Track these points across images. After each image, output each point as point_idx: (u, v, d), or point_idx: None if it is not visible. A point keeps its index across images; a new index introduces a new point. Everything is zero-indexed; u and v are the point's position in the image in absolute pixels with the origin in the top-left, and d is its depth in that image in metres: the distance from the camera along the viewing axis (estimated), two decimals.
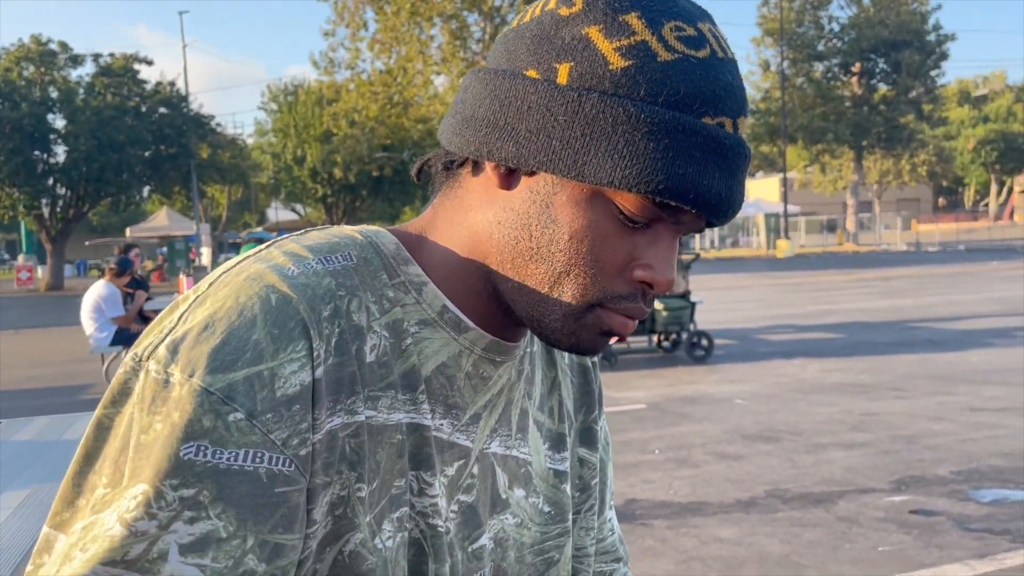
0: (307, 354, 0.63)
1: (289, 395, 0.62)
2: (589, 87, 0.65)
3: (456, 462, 0.74)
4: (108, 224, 51.51)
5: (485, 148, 0.69)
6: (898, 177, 48.56)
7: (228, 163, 39.66)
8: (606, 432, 0.96)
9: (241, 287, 0.65)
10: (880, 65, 42.69)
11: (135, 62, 34.33)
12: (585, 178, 0.65)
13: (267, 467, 0.61)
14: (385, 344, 0.70)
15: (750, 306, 15.95)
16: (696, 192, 0.65)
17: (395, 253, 0.73)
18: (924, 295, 16.58)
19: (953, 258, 29.19)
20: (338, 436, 0.65)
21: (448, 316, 0.73)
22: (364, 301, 0.69)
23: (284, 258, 0.68)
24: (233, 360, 0.61)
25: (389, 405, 0.69)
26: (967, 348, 9.87)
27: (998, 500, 4.71)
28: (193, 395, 0.60)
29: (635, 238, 0.68)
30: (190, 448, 0.59)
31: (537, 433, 0.84)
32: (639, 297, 0.70)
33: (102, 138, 31.08)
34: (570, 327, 0.71)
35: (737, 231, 47.77)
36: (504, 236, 0.70)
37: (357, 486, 0.66)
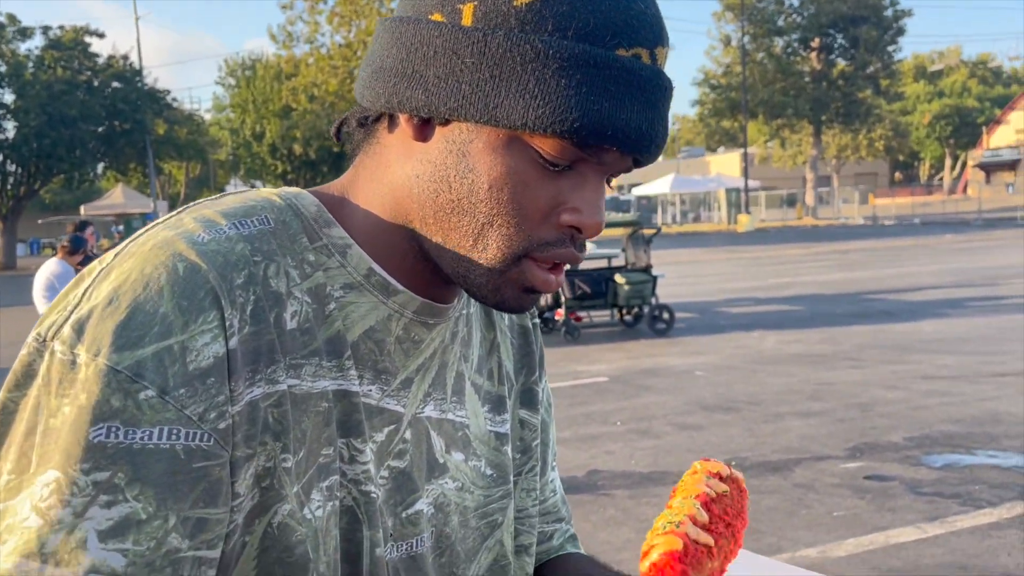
0: (219, 324, 0.61)
1: (202, 368, 0.60)
2: (494, 26, 0.63)
3: (386, 428, 0.72)
4: (62, 202, 50.33)
5: (396, 99, 0.67)
6: (856, 152, 49.24)
7: (185, 139, 38.93)
8: (548, 393, 0.95)
9: (147, 257, 0.62)
10: (839, 40, 43.08)
11: (86, 35, 33.45)
12: (498, 122, 0.63)
13: (184, 443, 0.58)
14: (307, 310, 0.67)
15: (711, 280, 16.12)
16: (614, 128, 0.63)
17: (316, 215, 0.71)
18: (880, 267, 16.89)
19: (909, 231, 29.75)
20: (259, 407, 0.63)
21: (375, 279, 0.71)
22: (283, 266, 0.67)
23: (195, 224, 0.65)
24: (140, 336, 0.58)
25: (313, 373, 0.67)
26: (921, 318, 10.09)
27: (949, 465, 4.83)
28: (100, 375, 0.57)
29: (559, 182, 0.66)
30: (100, 430, 0.56)
31: (475, 396, 0.82)
32: (568, 242, 0.68)
33: (53, 113, 30.30)
34: (495, 282, 0.69)
35: (699, 206, 48.12)
36: (423, 190, 0.68)
37: (283, 456, 0.64)
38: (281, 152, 41.26)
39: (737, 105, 41.65)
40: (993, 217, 35.16)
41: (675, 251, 24.06)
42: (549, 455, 0.96)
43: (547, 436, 0.95)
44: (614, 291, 9.84)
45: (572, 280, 9.74)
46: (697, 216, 47.56)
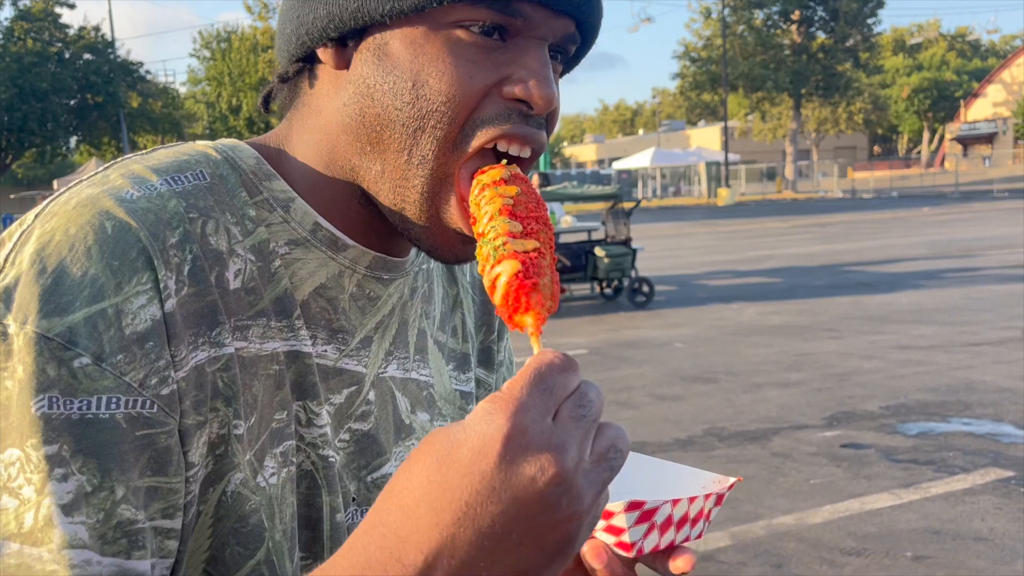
0: (153, 286, 0.57)
1: (140, 332, 0.55)
2: None
3: (345, 389, 0.69)
4: (34, 176, 49.57)
5: (303, 30, 0.64)
6: (835, 125, 49.42)
7: (160, 113, 38.37)
8: (510, 353, 0.91)
9: (71, 216, 0.57)
10: (819, 13, 43.07)
11: (56, 5, 32.79)
12: (402, 4, 0.60)
13: (124, 411, 0.55)
14: (252, 268, 0.63)
15: (691, 253, 16.17)
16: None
17: (255, 168, 0.66)
18: (859, 240, 17.00)
19: (887, 204, 29.97)
20: (206, 371, 0.59)
21: (322, 234, 0.67)
22: (222, 223, 0.62)
23: (123, 180, 0.61)
24: (70, 300, 0.54)
25: (262, 334, 0.63)
26: (898, 290, 10.18)
27: (923, 432, 4.89)
28: (31, 344, 0.53)
29: (493, 59, 0.62)
30: (42, 402, 0.53)
31: (439, 354, 0.79)
32: (517, 117, 0.62)
33: (23, 86, 29.79)
34: (430, 214, 0.64)
35: (679, 180, 48.18)
36: (351, 115, 0.64)
37: (234, 423, 0.61)
38: (258, 126, 40.79)
39: (717, 78, 41.61)
40: (970, 190, 35.48)
41: (655, 224, 24.09)
42: None
43: None
44: (594, 264, 9.84)
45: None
46: (677, 190, 47.64)
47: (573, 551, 0.48)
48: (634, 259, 9.92)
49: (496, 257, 0.57)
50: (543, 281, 0.57)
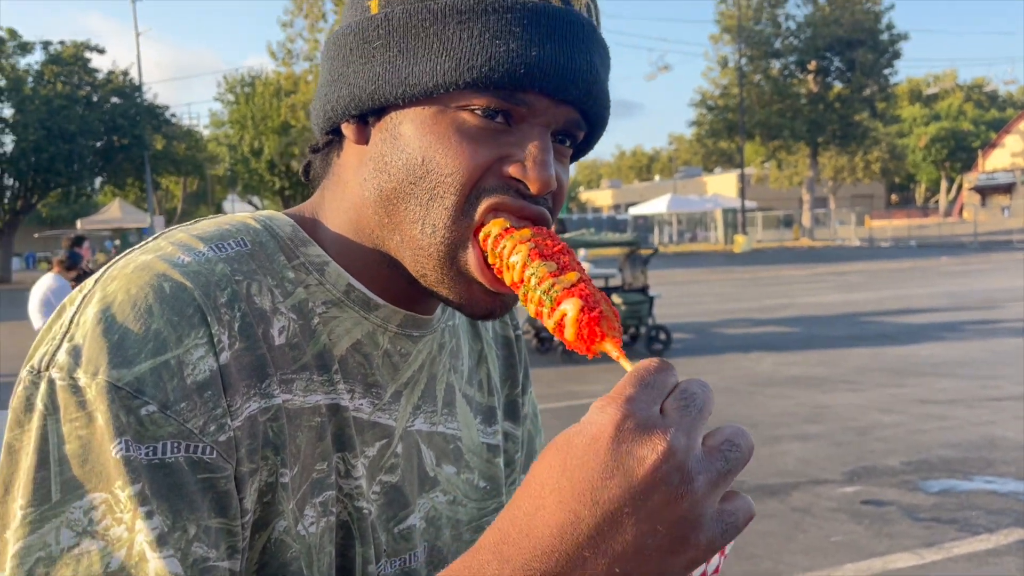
0: (209, 340, 0.61)
1: (199, 382, 0.60)
2: (395, 5, 0.66)
3: (377, 442, 0.72)
4: (58, 216, 50.32)
5: (329, 107, 0.70)
6: (852, 173, 49.48)
7: (183, 154, 39.03)
8: (534, 405, 0.95)
9: (130, 279, 0.62)
10: (835, 63, 43.40)
11: (86, 50, 33.57)
12: (414, 90, 0.64)
13: (186, 455, 0.58)
14: (294, 326, 0.67)
15: (708, 300, 16.12)
16: (527, 66, 0.62)
17: (292, 235, 0.71)
18: (877, 290, 16.91)
19: (905, 253, 29.84)
20: (258, 421, 0.63)
21: (355, 294, 0.71)
22: (265, 285, 0.67)
23: (173, 247, 0.65)
24: (136, 353, 0.58)
25: (305, 387, 0.67)
26: (918, 342, 10.09)
27: (946, 490, 4.81)
28: (104, 393, 0.57)
29: (498, 141, 0.65)
30: (120, 445, 0.56)
31: (467, 407, 0.82)
32: (515, 193, 0.66)
33: (52, 128, 30.36)
34: (450, 275, 0.68)
35: (695, 226, 48.25)
36: (372, 189, 0.69)
37: (281, 471, 0.64)
38: (279, 168, 41.33)
39: (734, 126, 41.86)
40: (989, 240, 35.28)
41: (672, 271, 24.08)
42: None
43: (532, 448, 0.94)
44: None
45: None
46: (694, 236, 47.67)
47: (696, 539, 0.49)
48: (651, 307, 9.91)
49: (553, 300, 0.61)
50: (604, 307, 0.60)
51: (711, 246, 41.35)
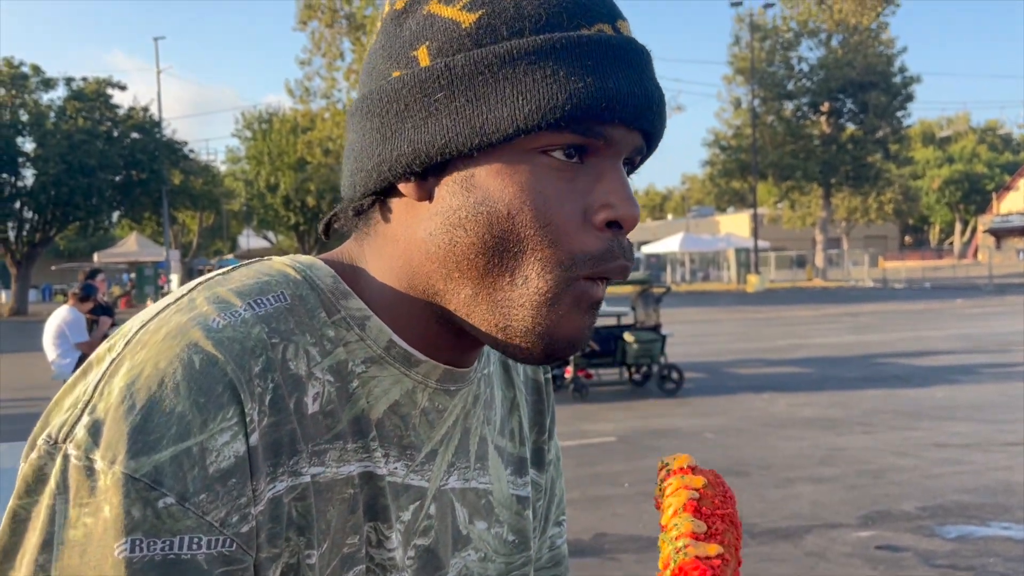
0: (239, 421, 0.58)
1: (223, 470, 0.57)
2: (453, 53, 0.63)
3: (411, 505, 0.69)
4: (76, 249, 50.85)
5: (385, 167, 0.65)
6: (865, 214, 49.45)
7: (200, 189, 39.46)
8: (557, 448, 0.91)
9: (161, 349, 0.59)
10: (848, 105, 43.60)
11: (108, 87, 34.17)
12: (490, 137, 0.61)
13: (205, 552, 0.55)
14: (330, 390, 0.64)
15: (720, 340, 16.06)
16: (605, 98, 0.61)
17: (333, 287, 0.68)
18: (891, 331, 16.81)
19: (919, 295, 29.67)
20: (283, 503, 0.60)
21: (396, 351, 0.68)
22: (302, 345, 0.63)
23: (208, 307, 0.62)
24: (157, 439, 0.55)
25: (338, 458, 0.64)
26: (932, 384, 10.00)
27: (962, 536, 4.74)
28: (119, 485, 0.54)
29: (577, 183, 0.63)
30: (124, 545, 0.54)
31: (498, 459, 0.79)
32: (615, 250, 0.64)
33: (72, 162, 30.79)
34: (548, 319, 0.64)
35: (708, 265, 48.21)
36: (440, 245, 0.65)
37: (306, 552, 0.61)
38: (295, 204, 41.72)
39: (747, 166, 42.01)
40: (1004, 282, 35.05)
41: (684, 309, 24.03)
42: (552, 511, 0.92)
43: (554, 492, 0.92)
44: (623, 349, 9.81)
45: None
46: (706, 275, 47.61)
47: None
48: (663, 345, 9.88)
49: (677, 562, 0.58)
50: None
51: (724, 285, 41.27)
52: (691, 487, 0.61)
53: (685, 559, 0.56)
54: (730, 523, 0.61)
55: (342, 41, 35.07)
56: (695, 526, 0.59)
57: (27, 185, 32.39)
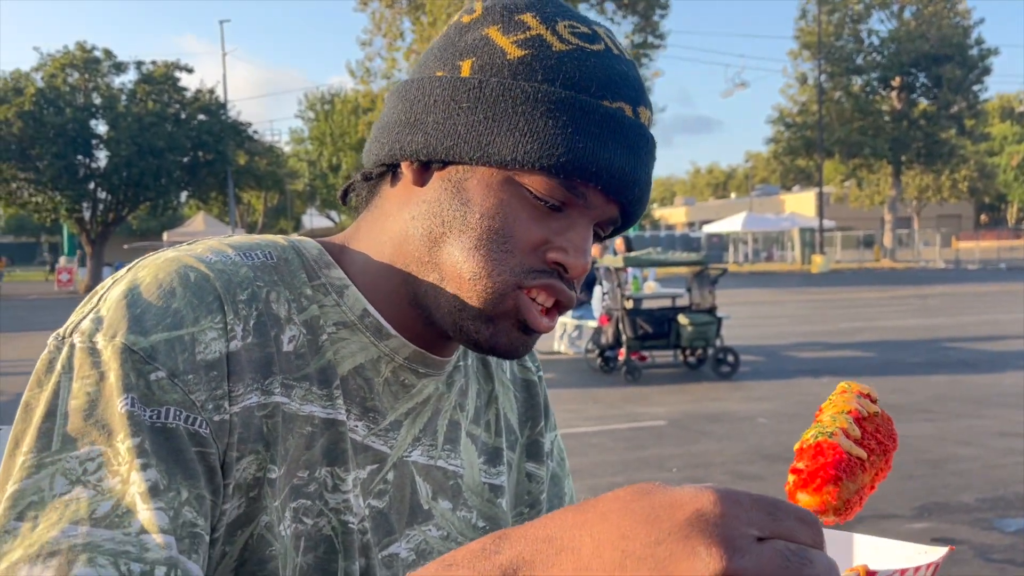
0: (223, 327, 0.66)
1: (208, 360, 0.64)
2: (489, 75, 0.70)
3: (369, 465, 0.74)
4: (147, 228, 52.40)
5: (398, 146, 0.73)
6: (938, 193, 47.79)
7: (264, 170, 40.21)
8: (560, 447, 0.96)
9: (159, 267, 0.68)
10: (921, 79, 42.11)
11: (176, 70, 34.96)
12: (490, 159, 0.69)
13: (186, 426, 0.62)
14: (303, 338, 0.71)
15: (781, 322, 15.75)
16: (597, 166, 0.68)
17: (317, 257, 0.75)
18: (960, 314, 16.26)
19: (993, 276, 28.61)
20: (255, 414, 0.66)
21: (369, 320, 0.74)
22: (283, 295, 0.71)
23: (203, 249, 0.71)
24: (154, 325, 0.63)
25: (303, 396, 0.70)
26: (1001, 370, 9.64)
27: (1022, 530, 4.57)
28: (118, 353, 0.62)
29: (549, 223, 0.71)
30: (126, 400, 0.61)
31: (471, 446, 0.84)
32: (557, 276, 0.72)
33: (142, 144, 31.68)
34: (488, 316, 0.71)
35: (771, 245, 47.27)
36: (419, 228, 0.73)
37: (270, 467, 0.67)
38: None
39: (813, 144, 40.94)
40: None
41: (746, 290, 23.64)
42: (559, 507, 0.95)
43: (560, 489, 0.95)
44: (677, 332, 9.69)
45: (634, 319, 9.63)
46: (770, 255, 46.70)
47: None
48: (719, 328, 9.72)
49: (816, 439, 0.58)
50: (847, 484, 0.56)
51: (787, 266, 40.43)
52: (863, 406, 0.62)
53: (825, 439, 0.56)
54: (883, 453, 0.60)
55: (402, 21, 35.20)
56: (851, 428, 0.59)
57: (100, 167, 33.44)
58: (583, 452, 6.30)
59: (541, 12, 0.72)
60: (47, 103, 31.74)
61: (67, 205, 32.61)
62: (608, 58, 0.71)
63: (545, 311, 0.72)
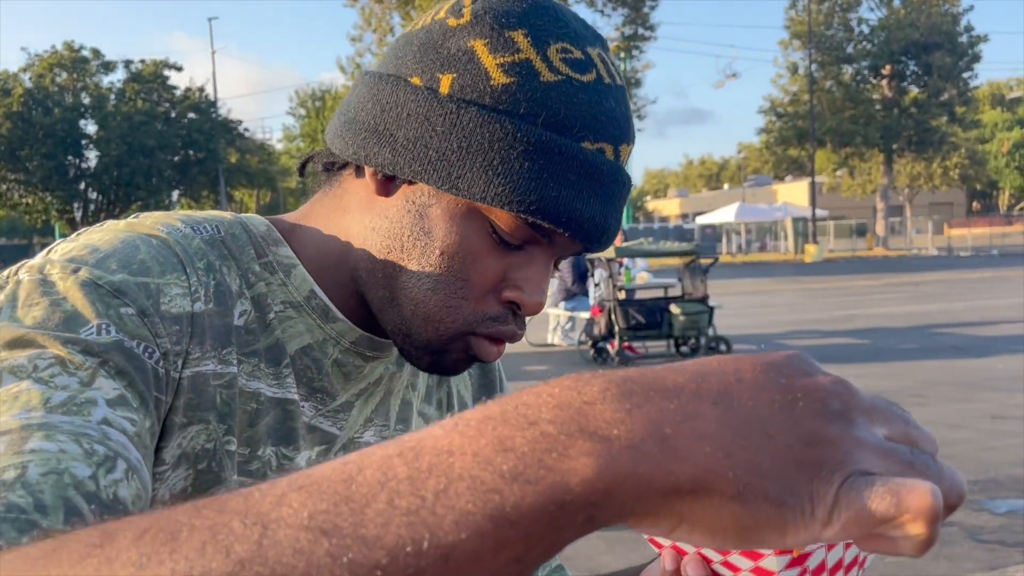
0: (187, 287, 0.63)
1: (173, 313, 0.61)
2: (469, 100, 0.65)
3: (317, 447, 0.73)
4: None
5: (363, 152, 0.69)
6: (929, 181, 47.87)
7: (256, 168, 40.15)
8: None
9: (116, 232, 0.64)
10: (911, 67, 42.15)
11: (165, 68, 34.87)
12: (459, 192, 0.65)
13: (153, 365, 0.59)
14: (252, 314, 0.69)
15: (775, 311, 15.78)
16: (569, 216, 0.65)
17: (265, 234, 0.73)
18: (953, 300, 16.31)
19: (985, 263, 28.70)
20: (209, 382, 0.64)
21: (315, 302, 0.72)
22: (233, 269, 0.69)
23: (152, 221, 0.68)
24: (120, 268, 0.60)
25: (250, 372, 0.68)
26: (992, 354, 9.68)
27: (1013, 511, 4.59)
28: (80, 285, 0.57)
29: (508, 258, 0.69)
30: (90, 329, 0.56)
31: (423, 425, 0.83)
32: (509, 318, 0.70)
33: (132, 143, 31.61)
34: (434, 349, 0.70)
35: (765, 235, 47.34)
36: (377, 244, 0.70)
37: (226, 439, 0.65)
38: None
39: (804, 133, 40.97)
40: None
41: (739, 281, 23.67)
42: None
43: None
44: (669, 321, 9.70)
45: (627, 310, 9.64)
46: (763, 245, 46.77)
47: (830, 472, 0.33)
48: (711, 317, 9.74)
49: None
50: None
51: (781, 256, 40.49)
52: None
53: None
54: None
55: (392, 16, 35.10)
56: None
57: (90, 167, 33.36)
58: None
59: (534, 31, 0.66)
60: (35, 103, 31.62)
61: (58, 206, 32.54)
62: (597, 91, 0.67)
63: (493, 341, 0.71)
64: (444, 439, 0.33)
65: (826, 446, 0.34)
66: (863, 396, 0.38)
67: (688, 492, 0.32)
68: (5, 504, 0.44)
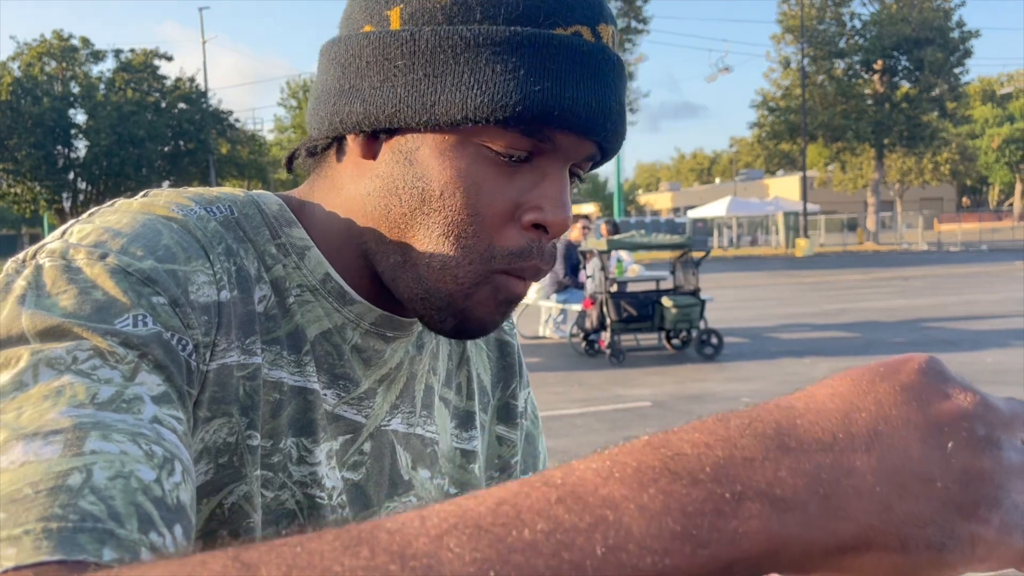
0: (212, 275, 0.60)
1: (202, 303, 0.58)
2: (421, 24, 0.62)
3: (342, 436, 0.69)
4: None
5: (338, 119, 0.66)
6: (920, 176, 48.05)
7: (247, 159, 39.95)
8: (533, 405, 0.91)
9: (134, 214, 0.60)
10: (902, 62, 42.23)
11: (155, 58, 34.65)
12: (438, 119, 0.61)
13: (186, 358, 0.55)
14: (272, 299, 0.66)
15: (765, 304, 15.83)
16: (560, 108, 0.60)
17: (278, 213, 0.69)
18: (942, 295, 16.39)
19: (975, 258, 28.84)
20: (233, 374, 0.60)
21: (331, 285, 0.69)
22: (250, 252, 0.65)
23: (164, 200, 0.64)
24: (145, 256, 0.56)
25: (272, 361, 0.64)
26: (982, 348, 9.73)
27: None
28: (110, 272, 0.53)
29: (517, 180, 0.63)
30: (126, 321, 0.52)
31: (444, 411, 0.80)
32: (533, 253, 0.65)
33: (122, 133, 31.42)
34: (458, 307, 0.65)
35: (756, 229, 47.46)
36: (375, 206, 0.66)
37: (248, 433, 0.61)
38: None
39: (796, 128, 41.05)
40: None
41: (730, 274, 23.72)
42: (539, 467, 0.91)
43: (535, 448, 0.91)
44: (661, 314, 9.72)
45: (618, 303, 9.64)
46: (754, 239, 46.87)
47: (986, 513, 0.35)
48: (702, 310, 9.76)
49: None
50: None
51: (772, 250, 40.58)
52: None
53: None
54: None
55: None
56: None
57: (80, 156, 33.15)
58: (567, 433, 6.31)
59: None
60: (24, 92, 31.37)
61: (47, 196, 32.33)
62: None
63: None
64: (603, 487, 0.32)
65: (980, 483, 0.35)
66: (1000, 408, 0.38)
67: (851, 548, 0.33)
68: (78, 512, 0.41)
